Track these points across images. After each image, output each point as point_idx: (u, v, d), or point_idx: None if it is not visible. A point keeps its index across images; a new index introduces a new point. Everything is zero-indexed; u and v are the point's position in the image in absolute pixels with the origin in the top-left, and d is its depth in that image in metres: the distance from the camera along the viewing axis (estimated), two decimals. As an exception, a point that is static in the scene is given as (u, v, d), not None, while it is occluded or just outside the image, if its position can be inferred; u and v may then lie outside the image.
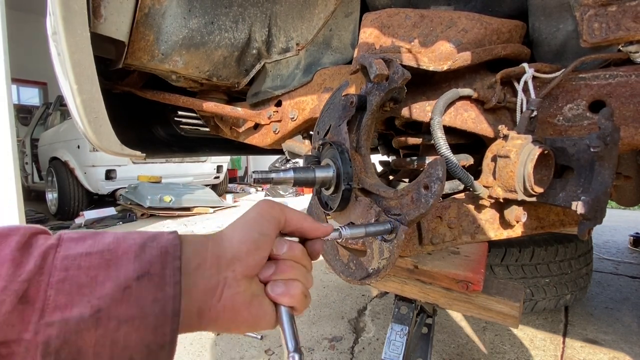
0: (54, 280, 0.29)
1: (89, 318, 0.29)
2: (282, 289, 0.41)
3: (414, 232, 0.77)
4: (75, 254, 0.31)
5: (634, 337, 1.75)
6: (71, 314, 0.28)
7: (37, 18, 9.16)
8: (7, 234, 0.30)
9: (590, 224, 0.59)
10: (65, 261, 0.30)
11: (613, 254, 3.05)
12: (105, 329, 0.29)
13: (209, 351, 1.69)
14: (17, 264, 0.28)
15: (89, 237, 0.33)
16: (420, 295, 0.93)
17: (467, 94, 0.75)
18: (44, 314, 0.28)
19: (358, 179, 0.67)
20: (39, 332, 0.27)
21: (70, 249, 0.31)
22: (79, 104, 0.93)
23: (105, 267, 0.31)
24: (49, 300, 0.28)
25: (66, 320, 0.28)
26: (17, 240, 0.30)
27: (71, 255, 0.30)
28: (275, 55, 1.17)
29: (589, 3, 0.62)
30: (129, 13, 0.94)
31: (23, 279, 0.28)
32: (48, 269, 0.29)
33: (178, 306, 0.33)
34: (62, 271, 0.29)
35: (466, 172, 0.70)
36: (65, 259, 0.30)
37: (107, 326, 0.29)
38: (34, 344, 0.27)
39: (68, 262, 0.30)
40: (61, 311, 0.28)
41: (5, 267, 0.28)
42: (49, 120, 6.31)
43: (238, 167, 10.16)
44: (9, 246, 0.29)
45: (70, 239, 0.32)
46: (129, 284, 0.31)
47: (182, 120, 1.78)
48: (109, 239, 0.33)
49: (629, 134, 0.65)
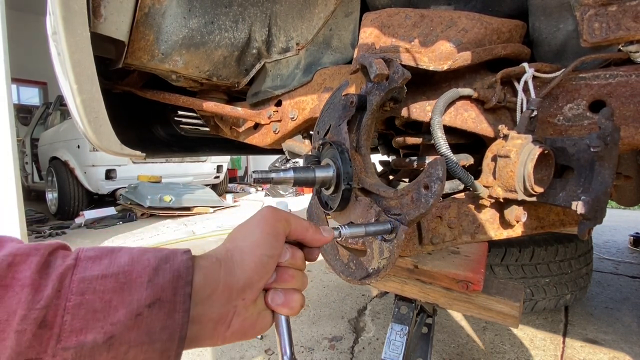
0: (70, 304, 0.30)
1: (102, 344, 0.30)
2: (282, 300, 0.41)
3: (414, 232, 0.77)
4: (92, 277, 0.31)
5: (634, 337, 1.75)
6: (86, 339, 0.30)
7: (37, 18, 9.16)
8: (27, 254, 0.31)
9: (590, 224, 0.59)
10: (81, 284, 0.31)
11: (613, 254, 3.05)
12: (116, 352, 0.31)
13: (209, 351, 1.69)
14: (36, 289, 0.29)
15: (105, 256, 0.33)
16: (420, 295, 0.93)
17: (467, 94, 0.75)
18: (60, 338, 0.29)
19: (358, 179, 0.67)
20: (56, 356, 0.29)
21: (87, 270, 0.32)
22: (79, 104, 0.93)
23: (120, 292, 0.32)
24: (65, 325, 0.29)
25: (81, 345, 0.30)
26: (37, 261, 0.31)
27: (87, 278, 0.31)
28: (275, 55, 1.16)
29: (589, 3, 0.62)
30: (129, 13, 0.94)
31: (42, 306, 0.29)
32: (65, 293, 0.30)
33: (185, 333, 0.34)
34: (78, 295, 0.30)
35: (466, 172, 0.70)
36: (82, 282, 0.31)
37: (118, 349, 0.31)
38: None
39: (84, 286, 0.31)
40: (76, 336, 0.30)
41: (25, 293, 0.29)
42: (49, 120, 6.31)
43: (238, 167, 10.17)
44: (29, 268, 0.30)
45: (87, 259, 0.33)
46: (140, 311, 0.32)
47: (182, 120, 1.78)
48: (124, 259, 0.34)
49: (629, 134, 0.64)
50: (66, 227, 4.48)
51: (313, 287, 2.42)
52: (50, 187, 5.39)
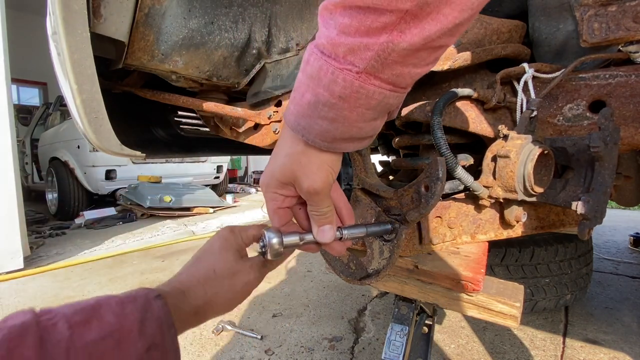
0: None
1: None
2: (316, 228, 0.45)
3: (414, 232, 0.77)
4: (92, 341, 0.33)
5: (634, 337, 1.75)
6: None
7: (37, 18, 9.16)
8: (21, 334, 0.30)
9: (590, 224, 0.59)
10: (86, 350, 0.32)
11: (613, 254, 3.05)
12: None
13: (209, 351, 1.69)
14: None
15: (92, 318, 0.34)
16: (420, 295, 0.93)
17: (467, 94, 0.75)
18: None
19: (358, 179, 0.67)
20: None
21: (83, 336, 0.33)
22: (79, 104, 0.93)
23: (118, 348, 0.34)
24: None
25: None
26: (33, 341, 0.30)
27: (89, 343, 0.33)
28: (275, 56, 1.17)
29: (589, 3, 0.62)
30: (129, 13, 0.94)
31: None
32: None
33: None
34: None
35: (466, 172, 0.70)
36: (86, 348, 0.32)
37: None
38: None
39: (89, 351, 0.32)
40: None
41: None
42: (49, 120, 6.31)
43: (238, 167, 10.16)
44: (28, 348, 0.29)
45: (77, 324, 0.33)
46: (141, 358, 0.35)
47: (182, 121, 1.78)
48: (110, 317, 0.35)
49: (629, 134, 0.65)
50: (66, 227, 4.48)
51: (313, 287, 2.42)
52: (50, 187, 5.38)
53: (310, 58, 0.34)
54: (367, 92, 0.32)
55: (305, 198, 0.42)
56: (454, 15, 0.28)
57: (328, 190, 0.41)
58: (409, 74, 0.33)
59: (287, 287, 2.42)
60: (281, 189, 0.43)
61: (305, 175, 0.39)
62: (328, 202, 0.42)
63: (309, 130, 0.36)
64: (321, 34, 0.33)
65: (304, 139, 0.38)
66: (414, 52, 0.30)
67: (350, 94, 0.32)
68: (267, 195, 0.45)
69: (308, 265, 2.86)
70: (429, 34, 0.29)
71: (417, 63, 0.32)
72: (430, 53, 0.31)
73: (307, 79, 0.35)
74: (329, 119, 0.34)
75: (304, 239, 0.45)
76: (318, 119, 0.35)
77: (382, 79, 0.32)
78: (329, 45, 0.32)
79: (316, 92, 0.34)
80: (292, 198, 0.45)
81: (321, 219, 0.43)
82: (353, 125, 0.35)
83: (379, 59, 0.30)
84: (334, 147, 0.37)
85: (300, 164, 0.39)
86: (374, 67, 0.31)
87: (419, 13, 0.28)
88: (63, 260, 3.12)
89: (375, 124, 0.37)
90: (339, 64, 0.32)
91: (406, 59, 0.31)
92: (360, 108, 0.33)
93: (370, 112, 0.34)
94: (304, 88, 0.35)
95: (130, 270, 2.86)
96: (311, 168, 0.39)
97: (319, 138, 0.36)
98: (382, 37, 0.29)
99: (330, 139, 0.36)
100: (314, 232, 0.45)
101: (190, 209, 5.22)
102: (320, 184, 0.39)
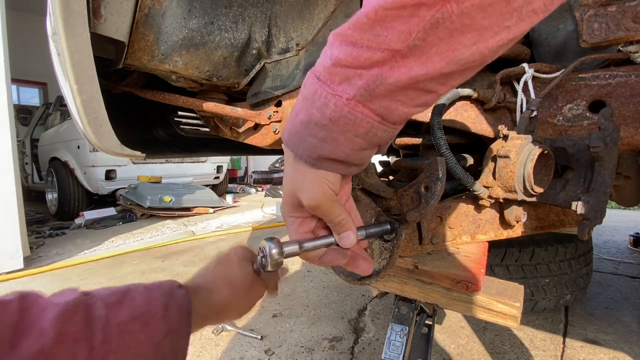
0: (113, 347, 0.36)
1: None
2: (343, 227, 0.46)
3: (414, 232, 0.77)
4: (124, 321, 0.37)
5: (634, 337, 1.75)
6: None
7: (37, 18, 9.15)
8: (74, 311, 0.35)
9: (590, 224, 0.59)
10: (118, 328, 0.37)
11: (613, 254, 3.05)
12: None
13: (209, 351, 1.69)
14: (89, 339, 0.35)
15: (124, 300, 0.39)
16: (420, 295, 0.93)
17: (467, 94, 0.75)
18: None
19: (358, 179, 0.67)
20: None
21: (118, 315, 0.37)
22: (79, 104, 0.93)
23: (145, 329, 0.38)
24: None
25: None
26: (81, 317, 0.35)
27: (122, 322, 0.37)
28: (275, 56, 1.17)
29: (589, 3, 0.62)
30: (129, 13, 0.94)
31: (96, 354, 0.34)
32: (109, 339, 0.36)
33: (186, 352, 0.42)
34: (119, 339, 0.37)
35: (466, 172, 0.70)
36: (119, 326, 0.37)
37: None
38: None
39: (120, 329, 0.37)
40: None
41: (81, 346, 0.34)
42: (49, 120, 6.30)
43: (238, 167, 10.16)
44: (76, 324, 0.35)
45: (112, 305, 0.38)
46: (158, 342, 0.39)
47: (182, 121, 1.78)
48: (139, 300, 0.40)
49: (629, 134, 0.65)
50: (66, 227, 4.48)
51: (313, 287, 2.42)
52: (50, 187, 5.38)
53: (307, 82, 0.37)
54: (355, 119, 0.34)
55: (313, 213, 0.43)
56: (441, 65, 0.31)
57: (330, 201, 0.41)
58: (396, 111, 0.35)
59: (287, 287, 2.42)
60: (294, 212, 0.44)
61: (303, 191, 0.40)
62: (337, 212, 0.43)
63: (299, 145, 0.38)
64: (320, 61, 0.36)
65: (293, 153, 0.40)
66: (401, 89, 0.32)
67: (339, 117, 0.34)
68: (285, 221, 0.46)
69: (308, 265, 2.86)
70: (415, 75, 0.31)
71: (405, 101, 0.34)
72: (419, 95, 0.33)
73: (302, 100, 0.37)
74: (319, 137, 0.36)
75: (304, 247, 0.45)
76: (308, 137, 0.37)
77: (370, 108, 0.34)
78: (325, 73, 0.35)
79: (309, 112, 0.36)
80: (309, 219, 0.46)
81: (337, 228, 0.44)
82: (340, 148, 0.37)
83: (369, 88, 0.33)
84: (319, 164, 0.38)
85: (297, 181, 0.41)
86: (363, 96, 0.33)
87: (409, 54, 0.30)
88: (63, 260, 3.12)
89: (363, 154, 0.38)
90: (331, 90, 0.34)
91: (394, 94, 0.33)
92: (349, 133, 0.35)
93: (358, 140, 0.36)
94: (299, 108, 0.38)
95: (130, 271, 2.86)
96: (306, 182, 0.40)
97: (306, 153, 0.38)
98: (374, 70, 0.32)
99: (316, 156, 0.38)
100: (336, 240, 0.46)
101: (190, 209, 5.22)
102: (319, 197, 0.40)
